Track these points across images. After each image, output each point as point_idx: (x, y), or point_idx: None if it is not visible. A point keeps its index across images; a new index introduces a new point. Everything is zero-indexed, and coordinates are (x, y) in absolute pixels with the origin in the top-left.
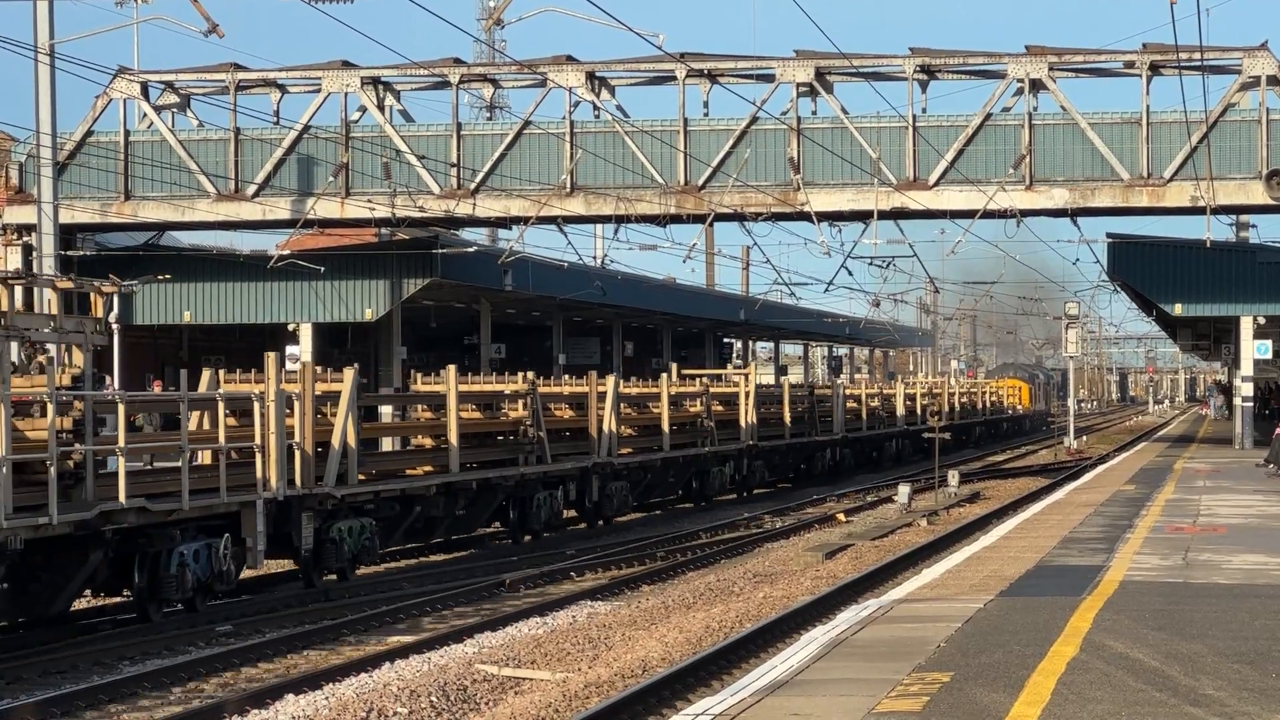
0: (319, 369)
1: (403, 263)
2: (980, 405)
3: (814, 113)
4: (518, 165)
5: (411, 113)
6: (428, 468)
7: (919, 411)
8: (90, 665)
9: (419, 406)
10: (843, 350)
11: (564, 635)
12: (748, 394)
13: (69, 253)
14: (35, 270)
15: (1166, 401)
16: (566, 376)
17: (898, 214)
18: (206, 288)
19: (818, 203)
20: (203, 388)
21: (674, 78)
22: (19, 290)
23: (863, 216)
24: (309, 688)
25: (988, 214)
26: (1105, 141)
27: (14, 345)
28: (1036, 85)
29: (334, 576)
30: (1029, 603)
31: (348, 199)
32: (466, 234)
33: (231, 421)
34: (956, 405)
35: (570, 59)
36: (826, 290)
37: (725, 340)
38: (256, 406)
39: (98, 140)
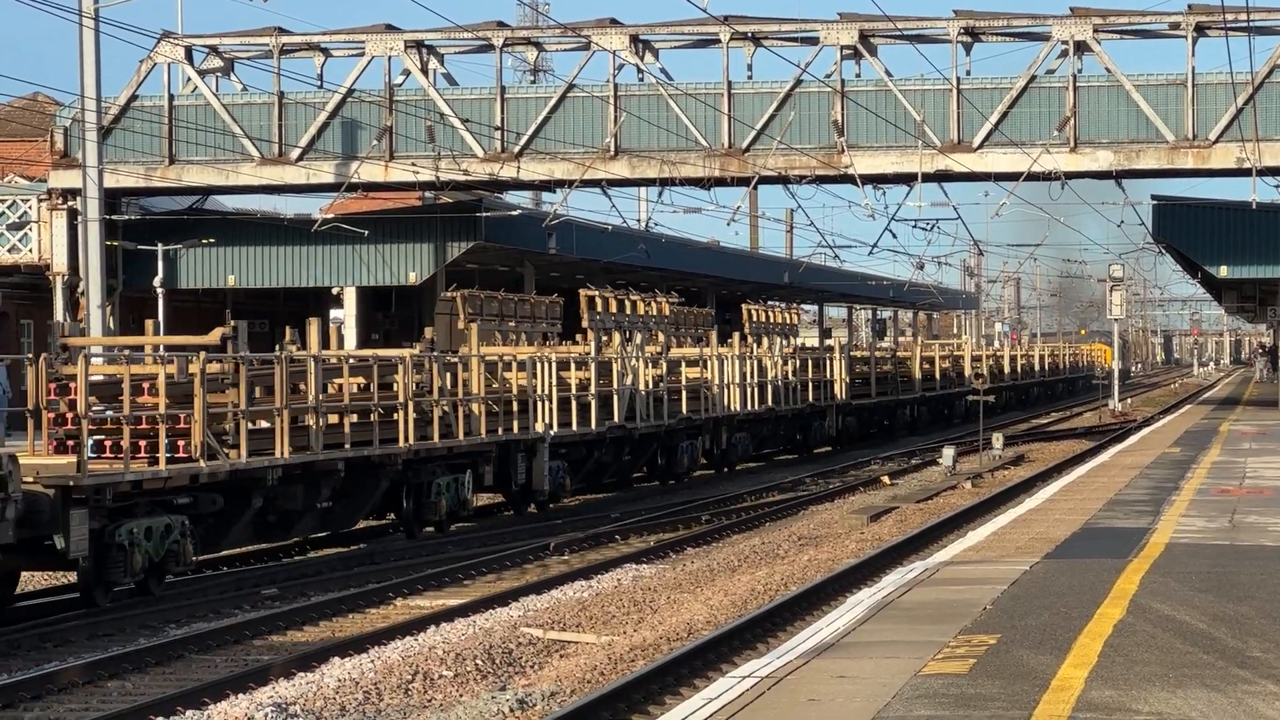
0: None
1: (447, 226)
2: (1081, 363)
3: (858, 75)
4: (561, 128)
5: (455, 76)
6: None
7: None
8: (137, 629)
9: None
10: (887, 313)
11: (609, 598)
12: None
13: (114, 217)
14: (80, 234)
15: (1211, 364)
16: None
17: (942, 176)
18: (251, 251)
19: (862, 165)
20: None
21: (718, 40)
22: None
23: (907, 179)
24: (355, 650)
25: (1032, 176)
26: (1150, 103)
27: None
28: (1081, 47)
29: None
30: (1075, 565)
31: (391, 162)
32: (510, 197)
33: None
34: (1066, 362)
35: (614, 22)
36: (870, 253)
37: (770, 304)
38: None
39: (142, 105)
